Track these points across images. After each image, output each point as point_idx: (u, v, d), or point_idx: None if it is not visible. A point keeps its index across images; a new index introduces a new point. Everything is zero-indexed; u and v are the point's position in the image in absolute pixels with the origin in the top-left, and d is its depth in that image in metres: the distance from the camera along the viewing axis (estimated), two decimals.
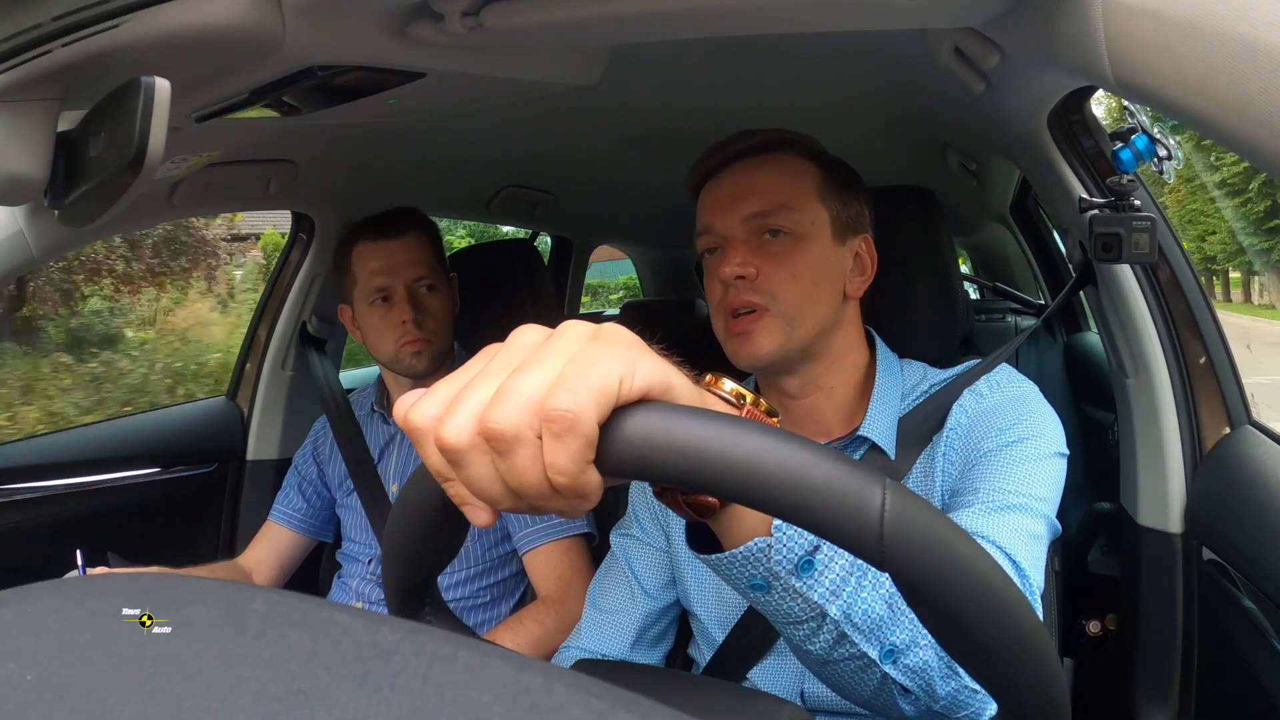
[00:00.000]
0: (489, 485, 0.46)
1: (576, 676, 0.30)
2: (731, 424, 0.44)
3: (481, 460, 0.45)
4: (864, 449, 1.10)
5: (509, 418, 0.44)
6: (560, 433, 0.43)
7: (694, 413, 0.45)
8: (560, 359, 0.45)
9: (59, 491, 1.84)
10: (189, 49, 0.89)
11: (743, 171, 1.11)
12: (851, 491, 0.43)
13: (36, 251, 1.31)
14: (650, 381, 0.46)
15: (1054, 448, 1.01)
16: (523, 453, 0.44)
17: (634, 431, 0.45)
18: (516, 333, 0.49)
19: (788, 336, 1.07)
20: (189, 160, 1.35)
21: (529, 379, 0.45)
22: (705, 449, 0.43)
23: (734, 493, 0.44)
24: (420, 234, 1.68)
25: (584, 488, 0.45)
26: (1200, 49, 0.54)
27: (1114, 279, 1.29)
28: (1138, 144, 1.14)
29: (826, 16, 0.96)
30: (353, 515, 1.75)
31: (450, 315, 1.71)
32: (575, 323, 0.49)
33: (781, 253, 1.07)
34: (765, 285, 1.06)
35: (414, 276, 1.64)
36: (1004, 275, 3.51)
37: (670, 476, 0.45)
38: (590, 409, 0.43)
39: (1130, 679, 1.31)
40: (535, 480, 0.44)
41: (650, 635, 1.18)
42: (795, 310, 1.07)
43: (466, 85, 1.19)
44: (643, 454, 0.44)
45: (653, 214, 2.90)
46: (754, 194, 1.09)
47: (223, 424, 2.14)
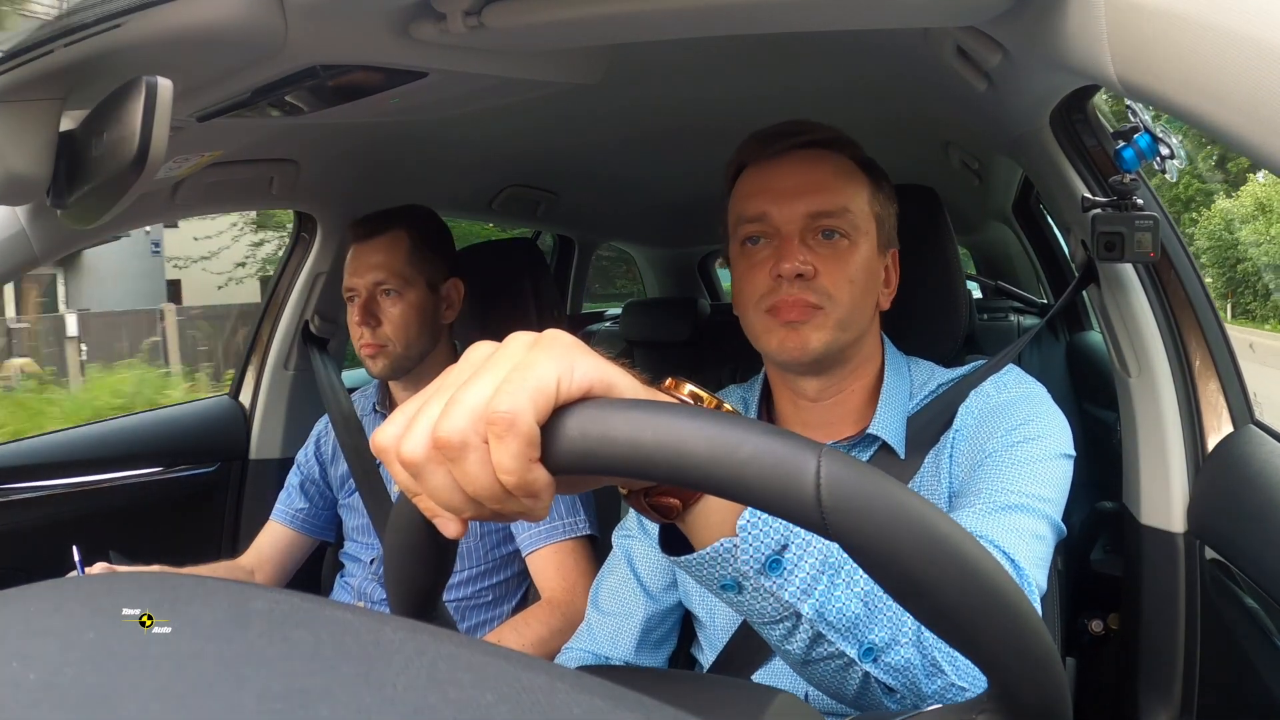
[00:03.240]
0: (449, 494, 0.49)
1: (580, 676, 0.30)
2: (661, 409, 0.46)
3: (438, 471, 0.48)
4: (874, 448, 1.09)
5: (456, 426, 0.47)
6: (501, 434, 0.46)
7: (628, 404, 0.47)
8: (504, 368, 0.48)
9: (61, 491, 1.84)
10: (191, 48, 0.89)
11: (803, 164, 1.08)
12: (786, 460, 0.43)
13: (39, 250, 1.31)
14: (590, 380, 0.48)
15: (1060, 449, 1.01)
16: (471, 458, 0.47)
17: (572, 426, 0.47)
18: (469, 350, 0.52)
19: (835, 338, 1.05)
20: (191, 160, 1.35)
21: (474, 389, 0.48)
22: (638, 435, 0.45)
23: (669, 474, 0.45)
24: (397, 235, 1.64)
25: (532, 485, 0.47)
26: (1203, 48, 0.54)
27: (1116, 278, 1.29)
28: (1140, 143, 1.14)
29: (829, 15, 0.96)
30: (355, 515, 1.75)
31: (420, 322, 1.65)
32: (519, 334, 0.51)
33: (838, 255, 1.06)
34: (823, 285, 1.04)
35: (374, 280, 1.62)
36: (1006, 274, 3.50)
37: (610, 467, 0.46)
38: (527, 408, 0.46)
39: (1133, 678, 1.31)
40: (488, 484, 0.47)
41: (654, 637, 1.18)
42: (847, 314, 1.05)
43: (468, 85, 1.19)
44: (581, 447, 0.46)
45: (655, 213, 2.90)
46: (819, 191, 1.06)
47: (225, 423, 2.15)
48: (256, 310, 2.24)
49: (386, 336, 1.62)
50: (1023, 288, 3.10)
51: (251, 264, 14.79)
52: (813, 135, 1.10)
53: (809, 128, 1.10)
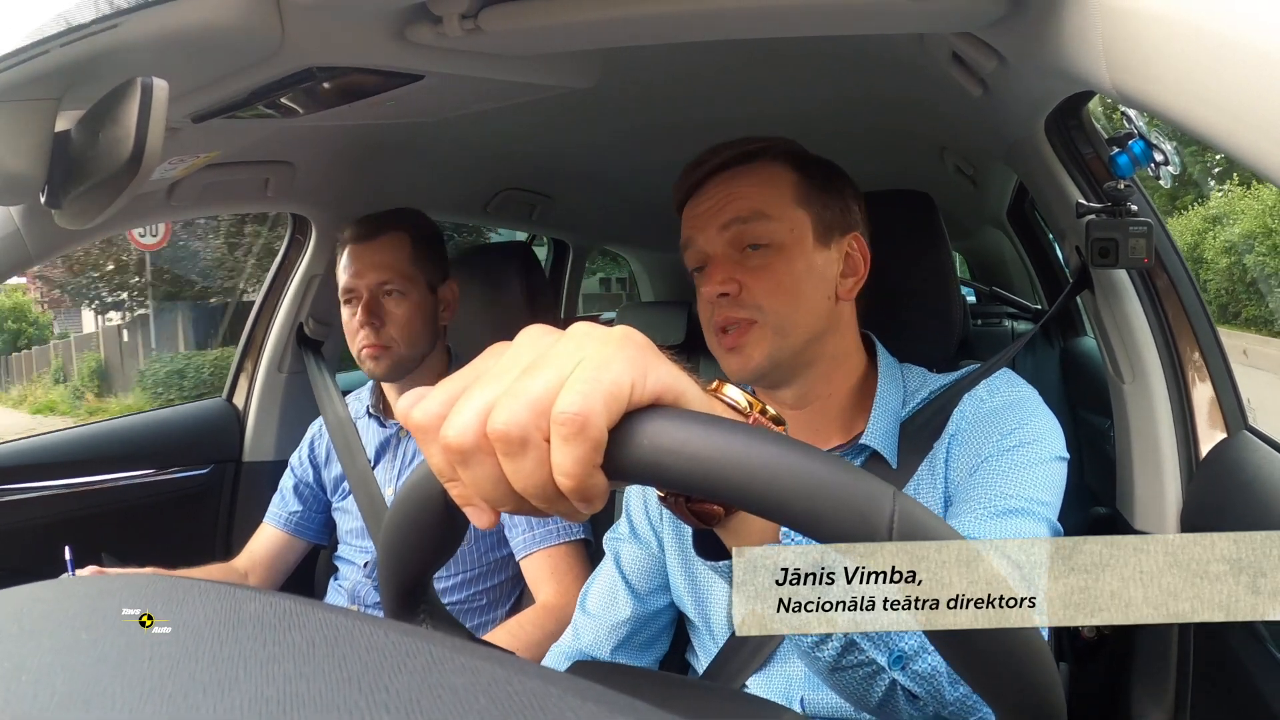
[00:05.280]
0: (493, 487, 0.45)
1: (573, 680, 0.30)
2: (744, 433, 0.44)
3: (487, 462, 0.44)
4: (864, 457, 1.09)
5: (517, 419, 0.43)
6: (569, 436, 0.42)
7: (706, 420, 0.45)
8: (570, 360, 0.45)
9: (54, 492, 1.84)
10: (187, 50, 0.89)
11: (720, 185, 1.10)
12: (862, 501, 0.43)
13: (33, 251, 1.30)
14: (662, 387, 0.46)
15: (1055, 451, 1.01)
16: (530, 455, 0.43)
17: (646, 437, 0.44)
18: (525, 332, 0.48)
19: (777, 346, 1.05)
20: (187, 161, 1.34)
21: (538, 380, 0.44)
22: (718, 457, 0.43)
23: (740, 500, 0.44)
24: (399, 237, 1.65)
25: (590, 491, 0.44)
26: (1197, 54, 0.54)
27: (1110, 284, 1.29)
28: (1135, 149, 1.14)
29: (824, 21, 0.96)
30: (349, 518, 1.75)
31: (422, 322, 1.66)
32: (587, 324, 0.48)
33: (763, 265, 1.06)
34: (749, 299, 1.05)
35: (378, 281, 1.61)
36: (1000, 279, 3.51)
37: (680, 483, 0.45)
38: (601, 412, 0.43)
39: (1126, 683, 1.31)
40: (541, 483, 0.44)
41: (640, 639, 1.18)
42: (783, 320, 1.05)
43: (464, 87, 1.19)
44: (654, 460, 0.44)
45: (649, 216, 2.90)
46: (730, 207, 1.07)
47: (219, 425, 2.14)
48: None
49: (391, 337, 1.62)
50: (1017, 293, 3.11)
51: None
52: (722, 156, 1.11)
53: (723, 149, 1.11)
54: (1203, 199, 11.25)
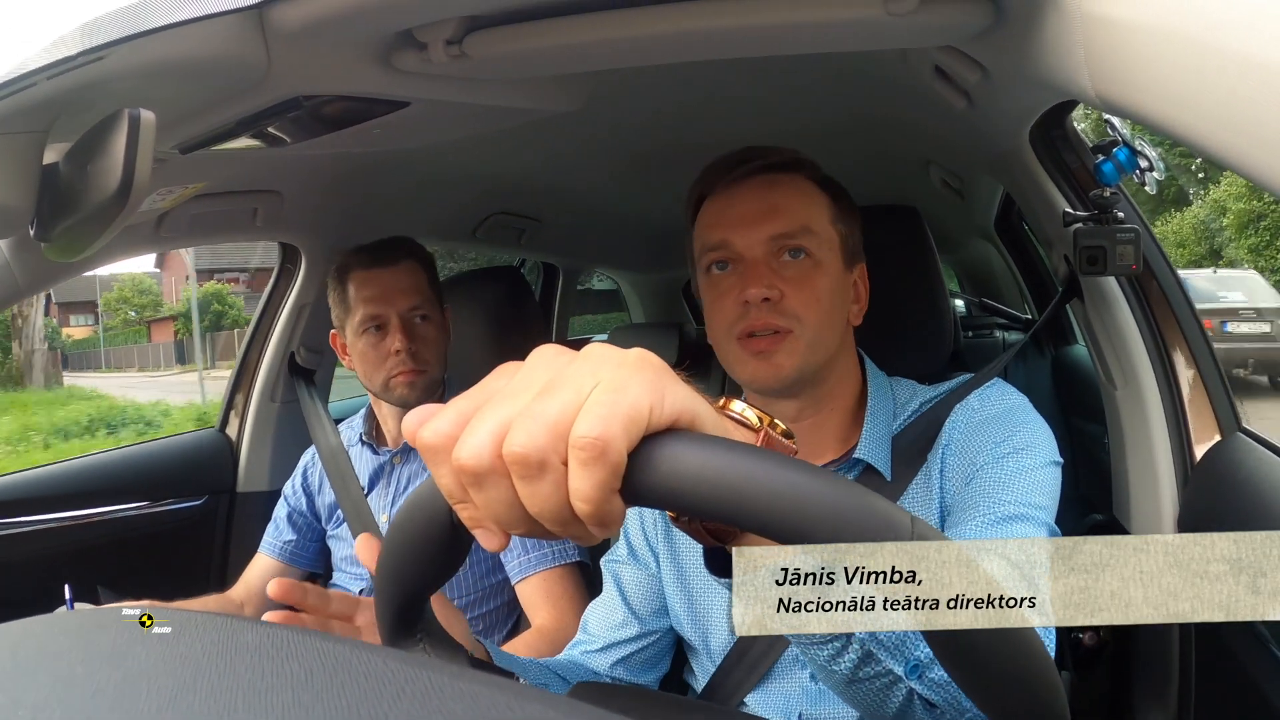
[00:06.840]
0: (507, 510, 0.44)
1: (573, 704, 0.29)
2: (762, 459, 0.44)
3: (501, 484, 0.43)
4: (858, 470, 1.09)
5: (535, 442, 0.42)
6: (588, 460, 0.42)
7: (725, 446, 0.45)
8: (587, 382, 0.44)
9: (48, 525, 1.83)
10: (174, 81, 0.89)
11: (760, 189, 1.08)
12: (882, 527, 0.44)
13: (23, 284, 1.30)
14: (679, 410, 0.45)
15: (1049, 457, 1.01)
16: (547, 479, 0.43)
17: (665, 463, 0.44)
18: (538, 352, 0.47)
19: (806, 360, 1.05)
20: (175, 192, 1.34)
21: (555, 401, 0.43)
22: (739, 484, 0.43)
23: (759, 527, 0.44)
24: (415, 263, 1.67)
25: (607, 516, 0.43)
26: (1180, 62, 0.55)
27: (1100, 291, 1.30)
28: (1119, 156, 1.15)
29: (808, 41, 0.97)
30: (343, 546, 1.74)
31: (443, 345, 1.69)
32: (602, 345, 0.47)
33: (803, 276, 1.05)
34: (790, 308, 1.04)
35: (408, 306, 1.63)
36: (990, 290, 3.53)
37: (699, 509, 0.45)
38: (620, 437, 0.42)
39: (1128, 689, 1.31)
40: (557, 507, 0.43)
41: (640, 659, 1.17)
42: (816, 334, 1.05)
43: (451, 113, 1.19)
44: (673, 486, 0.44)
45: (638, 238, 2.91)
46: (779, 214, 1.06)
47: (212, 456, 2.13)
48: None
49: (426, 361, 1.63)
50: (1006, 304, 3.12)
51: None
52: (768, 159, 1.10)
53: (764, 153, 1.11)
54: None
